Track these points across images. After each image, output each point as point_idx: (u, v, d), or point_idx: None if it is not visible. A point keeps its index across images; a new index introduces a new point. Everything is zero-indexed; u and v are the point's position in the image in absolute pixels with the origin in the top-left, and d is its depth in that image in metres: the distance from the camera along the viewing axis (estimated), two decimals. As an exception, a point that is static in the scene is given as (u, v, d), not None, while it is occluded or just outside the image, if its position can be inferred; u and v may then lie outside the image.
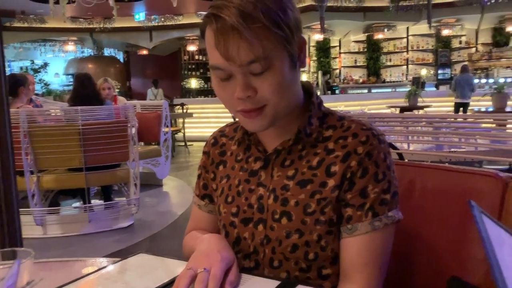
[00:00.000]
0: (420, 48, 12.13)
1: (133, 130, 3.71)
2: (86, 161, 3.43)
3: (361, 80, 12.10)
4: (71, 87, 12.75)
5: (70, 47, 12.66)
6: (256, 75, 0.71)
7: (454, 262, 0.94)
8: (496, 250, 0.33)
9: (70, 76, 13.28)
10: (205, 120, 9.49)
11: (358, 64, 12.44)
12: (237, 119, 0.82)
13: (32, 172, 3.42)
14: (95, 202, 4.14)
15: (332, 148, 0.78)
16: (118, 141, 3.53)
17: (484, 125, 3.70)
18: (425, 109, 7.04)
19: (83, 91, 3.81)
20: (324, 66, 11.95)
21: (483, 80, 10.44)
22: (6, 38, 10.72)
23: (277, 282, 0.73)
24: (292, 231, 0.78)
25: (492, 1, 9.80)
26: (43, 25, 11.22)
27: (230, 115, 7.23)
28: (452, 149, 3.26)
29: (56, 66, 13.23)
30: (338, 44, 12.43)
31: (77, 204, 4.27)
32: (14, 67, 12.60)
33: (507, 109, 5.40)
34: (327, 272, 0.79)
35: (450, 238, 0.95)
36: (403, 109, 6.63)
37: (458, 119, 3.47)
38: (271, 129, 0.80)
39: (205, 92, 13.12)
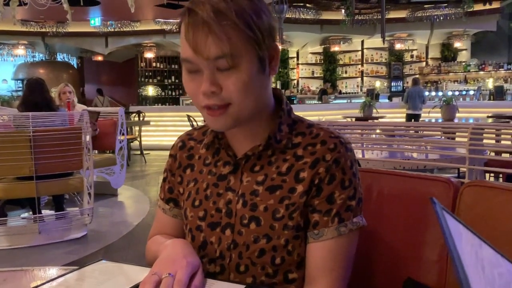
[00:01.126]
0: (374, 61, 12.58)
1: (88, 138, 3.59)
2: (37, 169, 3.28)
3: (318, 91, 12.37)
4: (20, 93, 12.27)
5: (20, 51, 12.14)
6: (223, 72, 0.72)
7: (410, 263, 0.97)
8: (457, 242, 0.35)
9: (19, 81, 12.72)
10: (162, 128, 9.36)
11: (315, 75, 12.71)
12: (205, 123, 0.83)
13: (-23, 181, 3.24)
14: (45, 212, 3.96)
15: (301, 155, 0.80)
16: (71, 149, 3.40)
17: (432, 134, 3.88)
18: (379, 119, 7.28)
19: (32, 97, 3.64)
20: (283, 76, 12.12)
21: (433, 93, 10.96)
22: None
23: (243, 287, 0.73)
24: (260, 236, 0.78)
25: (441, 18, 10.35)
26: (-9, 27, 10.72)
27: (187, 123, 7.21)
28: (405, 158, 3.38)
29: (4, 71, 12.62)
30: (296, 55, 12.66)
31: (26, 214, 4.07)
32: None
33: (455, 120, 5.69)
34: (293, 276, 0.80)
35: (406, 241, 0.99)
36: (358, 120, 6.83)
37: (410, 128, 3.62)
38: (241, 133, 0.81)
39: (162, 100, 12.96)
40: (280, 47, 0.79)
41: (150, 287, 0.67)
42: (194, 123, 6.59)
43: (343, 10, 10.03)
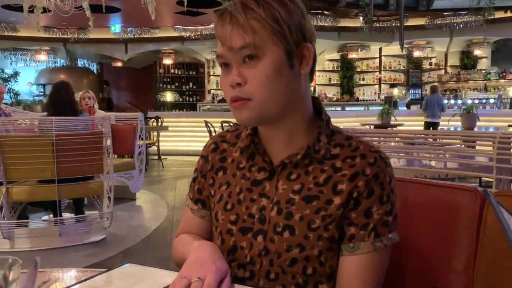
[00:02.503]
0: (392, 68, 12.48)
1: (108, 142, 3.65)
2: (59, 173, 3.34)
3: (335, 98, 12.32)
4: (41, 97, 12.53)
5: (42, 56, 12.40)
6: (249, 64, 0.75)
7: (436, 273, 0.96)
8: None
9: (41, 86, 12.98)
10: (180, 134, 9.43)
11: (332, 82, 12.67)
12: (237, 127, 0.85)
13: (1, 183, 3.31)
14: (65, 215, 4.02)
15: (340, 167, 0.80)
16: (92, 153, 3.46)
17: (452, 142, 3.83)
18: (397, 127, 7.22)
19: (57, 97, 3.74)
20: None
21: (452, 101, 10.81)
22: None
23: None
24: (293, 245, 0.78)
25: (461, 26, 10.23)
26: (14, 34, 10.98)
27: (204, 129, 7.25)
28: (423, 166, 3.35)
29: (27, 76, 12.91)
30: (313, 62, 12.62)
31: (46, 217, 4.15)
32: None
33: (475, 129, 5.61)
34: (323, 287, 0.80)
35: (432, 250, 0.98)
36: (376, 127, 6.78)
37: (429, 136, 3.58)
38: (278, 140, 0.82)
39: (180, 106, 13.07)
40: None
41: None
42: (212, 129, 6.62)
43: (361, 18, 9.99)
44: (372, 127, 6.87)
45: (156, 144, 8.31)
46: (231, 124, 6.13)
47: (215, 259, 0.75)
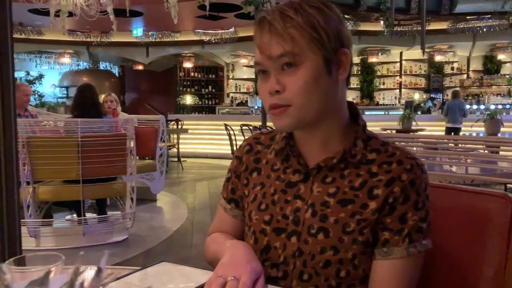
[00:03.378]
0: (413, 73, 12.34)
1: (132, 144, 3.71)
2: (83, 173, 3.41)
3: (354, 102, 12.23)
4: (64, 99, 12.79)
5: (66, 59, 12.67)
6: (287, 71, 0.76)
7: (465, 279, 0.96)
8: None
9: (64, 88, 13.25)
10: (199, 136, 9.50)
11: (352, 86, 12.59)
12: (271, 129, 0.87)
13: (28, 183, 3.40)
14: (88, 215, 4.09)
15: (376, 172, 0.81)
16: (116, 154, 3.53)
17: (475, 148, 3.78)
18: (419, 132, 7.14)
19: (82, 100, 3.83)
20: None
21: (474, 106, 10.63)
22: None
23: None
24: (327, 247, 0.79)
25: (484, 30, 10.06)
26: (40, 37, 11.24)
27: (223, 132, 7.29)
28: (444, 172, 3.31)
29: (51, 78, 13.21)
30: (332, 66, 12.57)
31: (69, 216, 4.23)
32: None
33: (499, 135, 5.51)
34: None
35: (461, 256, 0.97)
36: (398, 132, 6.72)
37: (458, 142, 3.55)
38: (313, 143, 0.84)
39: (199, 109, 13.17)
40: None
41: None
42: (231, 132, 6.67)
43: (382, 21, 9.93)
44: (394, 131, 6.81)
45: (176, 146, 8.40)
46: (251, 127, 6.16)
47: (250, 259, 0.77)
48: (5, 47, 1.92)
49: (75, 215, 4.06)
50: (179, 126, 8.68)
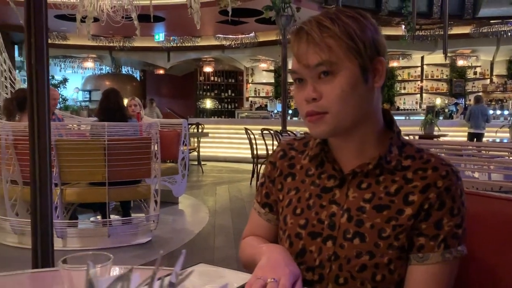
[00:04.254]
0: (435, 77, 12.20)
1: (156, 147, 3.77)
2: (109, 176, 3.48)
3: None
4: (87, 103, 13.04)
5: (89, 64, 12.94)
6: (324, 79, 0.78)
7: (500, 286, 0.96)
8: None
9: (86, 92, 13.53)
10: (218, 140, 9.57)
11: (372, 91, 12.52)
12: (305, 135, 0.89)
13: (56, 185, 3.49)
14: (112, 217, 4.17)
15: (411, 178, 0.82)
16: (141, 157, 3.60)
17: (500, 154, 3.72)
18: (441, 138, 7.05)
19: (107, 104, 3.92)
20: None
21: (498, 112, 10.44)
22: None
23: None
24: (363, 252, 0.81)
25: (508, 34, 9.89)
26: (65, 42, 11.50)
27: (243, 136, 7.32)
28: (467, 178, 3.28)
29: (74, 82, 13.50)
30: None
31: (93, 218, 4.31)
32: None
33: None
34: None
35: (496, 264, 0.98)
36: (421, 138, 6.65)
37: (481, 148, 3.51)
38: (348, 149, 0.86)
39: (218, 113, 13.28)
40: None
41: None
42: (251, 136, 6.70)
43: (403, 26, 9.86)
44: (417, 137, 6.74)
45: (197, 150, 8.47)
46: (271, 131, 6.18)
47: (288, 262, 0.79)
48: (41, 54, 1.99)
49: (99, 217, 4.14)
50: (200, 130, 8.76)
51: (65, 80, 13.03)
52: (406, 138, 0.94)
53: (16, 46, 11.04)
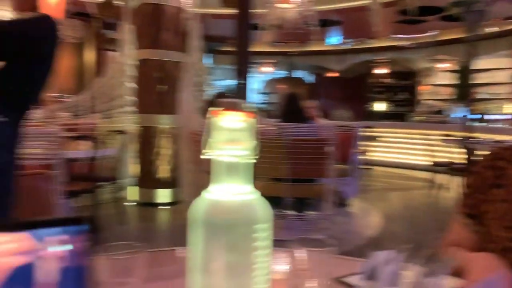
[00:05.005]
0: None
1: (332, 148, 3.88)
2: (289, 173, 3.72)
3: None
4: (265, 105, 14.03)
5: (267, 68, 13.90)
6: None
7: None
8: None
9: (265, 94, 14.62)
10: (388, 144, 9.23)
11: None
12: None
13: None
14: (287, 212, 4.42)
15: None
16: (317, 157, 3.75)
17: None
18: None
19: (290, 107, 4.21)
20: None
21: None
22: (219, 60, 12.48)
23: None
24: None
25: None
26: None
27: (419, 141, 6.90)
28: None
29: (254, 86, 14.67)
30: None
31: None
32: (222, 86, 14.35)
33: None
34: None
35: None
36: None
37: None
38: None
39: (389, 116, 12.79)
40: None
41: None
42: (429, 142, 6.28)
43: None
44: None
45: (365, 154, 8.33)
46: (454, 138, 5.72)
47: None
48: (246, 61, 2.26)
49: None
50: (369, 133, 8.58)
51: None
52: None
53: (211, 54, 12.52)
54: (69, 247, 0.54)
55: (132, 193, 5.21)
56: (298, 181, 3.82)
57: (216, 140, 0.53)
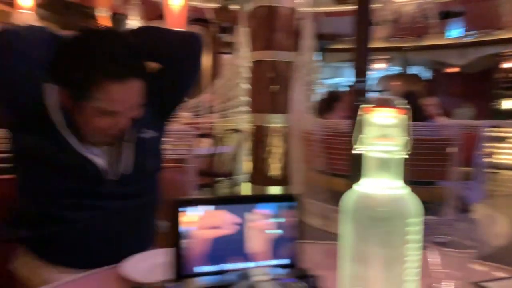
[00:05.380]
0: None
1: (455, 149, 3.64)
2: (408, 174, 3.55)
3: None
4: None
5: (380, 65, 13.44)
6: None
7: None
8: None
9: (376, 93, 14.13)
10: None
11: None
12: None
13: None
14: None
15: None
16: (438, 158, 3.55)
17: None
18: None
19: (409, 106, 4.05)
20: None
21: None
22: (328, 58, 12.45)
23: None
24: None
25: None
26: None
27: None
28: None
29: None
30: None
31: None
32: (331, 84, 14.25)
33: None
34: None
35: None
36: None
37: None
38: None
39: (517, 114, 11.54)
40: None
41: None
42: None
43: None
44: None
45: (491, 156, 7.63)
46: None
47: None
48: (364, 59, 2.24)
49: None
50: (495, 134, 7.84)
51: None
52: None
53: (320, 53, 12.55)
54: (282, 219, 0.63)
55: (246, 189, 5.44)
56: (417, 183, 3.64)
57: (368, 136, 0.55)
